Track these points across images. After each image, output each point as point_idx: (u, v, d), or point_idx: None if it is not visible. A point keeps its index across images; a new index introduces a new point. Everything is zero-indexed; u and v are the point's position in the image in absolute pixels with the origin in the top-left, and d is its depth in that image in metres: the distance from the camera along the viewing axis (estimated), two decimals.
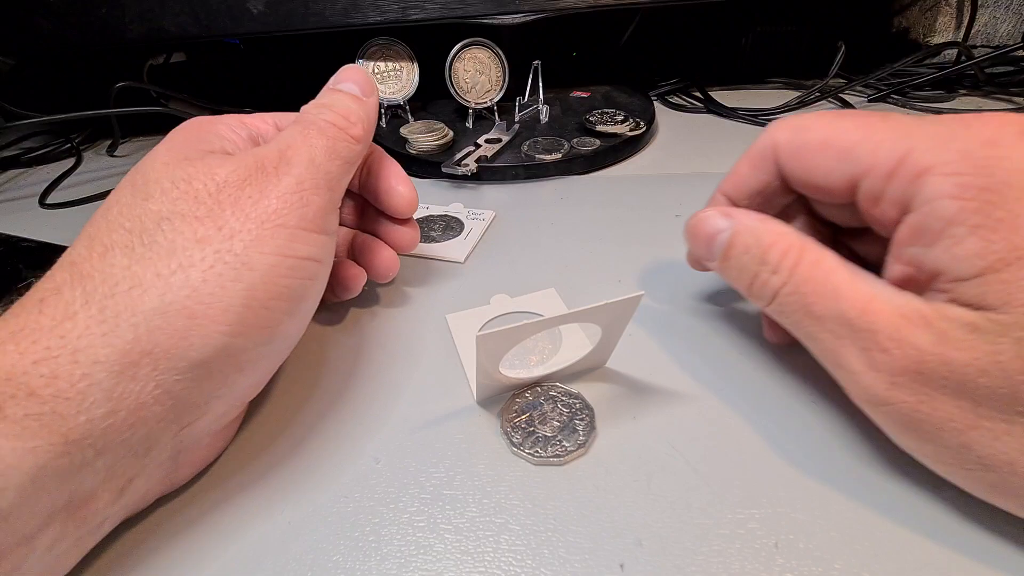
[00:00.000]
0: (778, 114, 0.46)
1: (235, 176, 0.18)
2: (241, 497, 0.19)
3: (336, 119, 0.21)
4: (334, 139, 0.21)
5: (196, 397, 0.17)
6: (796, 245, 0.18)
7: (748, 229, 0.20)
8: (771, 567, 0.16)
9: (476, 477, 0.19)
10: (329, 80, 0.24)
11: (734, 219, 0.20)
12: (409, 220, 0.27)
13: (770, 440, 0.20)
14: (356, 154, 0.22)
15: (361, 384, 0.23)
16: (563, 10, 0.41)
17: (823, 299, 0.17)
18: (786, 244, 0.19)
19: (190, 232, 0.17)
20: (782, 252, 0.18)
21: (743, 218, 0.20)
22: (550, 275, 0.29)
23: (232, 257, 0.17)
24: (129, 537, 0.18)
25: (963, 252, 0.15)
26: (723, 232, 0.21)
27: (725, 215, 0.21)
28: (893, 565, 0.16)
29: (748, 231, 0.20)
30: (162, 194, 0.18)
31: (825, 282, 0.17)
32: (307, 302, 0.20)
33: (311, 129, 0.21)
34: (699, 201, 0.34)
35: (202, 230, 0.17)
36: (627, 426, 0.20)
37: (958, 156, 0.15)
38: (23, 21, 0.40)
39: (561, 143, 0.40)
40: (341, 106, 0.22)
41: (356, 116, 0.22)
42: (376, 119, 0.24)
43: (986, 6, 0.55)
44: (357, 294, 0.26)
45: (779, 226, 0.19)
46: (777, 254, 0.19)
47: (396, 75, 0.43)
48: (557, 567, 0.16)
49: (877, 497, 0.18)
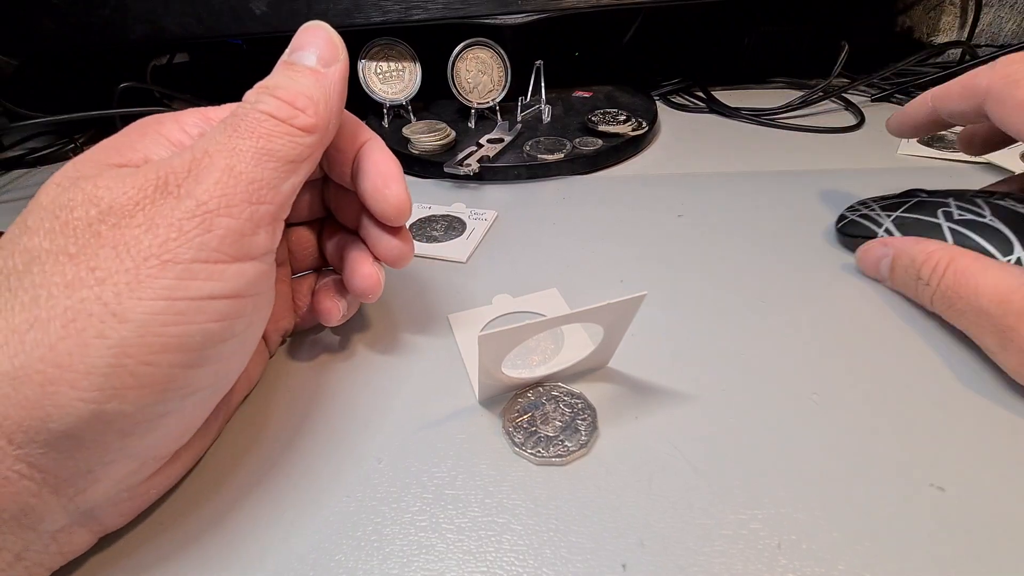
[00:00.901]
0: (781, 114, 0.46)
1: (125, 200, 0.15)
2: (242, 497, 0.19)
3: (276, 108, 0.17)
4: (268, 136, 0.17)
5: (74, 468, 0.14)
6: (944, 259, 0.22)
7: (904, 252, 0.24)
8: (774, 568, 0.16)
9: (478, 477, 0.19)
10: None
11: (891, 246, 0.25)
12: (401, 229, 0.22)
13: (772, 440, 0.20)
14: (304, 150, 0.17)
15: (363, 384, 0.23)
16: (565, 10, 0.41)
17: (964, 298, 0.21)
18: (934, 261, 0.22)
19: (59, 275, 0.14)
20: (931, 268, 0.23)
21: (899, 244, 0.25)
22: (552, 275, 0.29)
23: (99, 307, 0.14)
24: (129, 540, 0.18)
25: None
26: (886, 257, 0.25)
27: (884, 244, 0.26)
28: (895, 566, 0.16)
29: (904, 254, 0.24)
30: (40, 225, 0.15)
31: (966, 284, 0.21)
32: (222, 346, 0.16)
33: (240, 126, 0.17)
34: (701, 201, 0.34)
35: (72, 272, 0.14)
36: (629, 426, 0.20)
37: None
38: (27, 21, 0.40)
39: (563, 143, 0.40)
40: (287, 89, 0.18)
41: (306, 100, 0.18)
42: (344, 92, 0.19)
43: (990, 5, 0.55)
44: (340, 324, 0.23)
45: (930, 245, 0.23)
46: (928, 269, 0.23)
47: (398, 75, 0.43)
48: (559, 567, 0.16)
49: (879, 498, 0.18)
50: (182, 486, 0.19)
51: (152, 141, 0.17)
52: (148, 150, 0.17)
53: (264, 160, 0.16)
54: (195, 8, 0.39)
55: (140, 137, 0.17)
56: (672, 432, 0.20)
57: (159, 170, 0.16)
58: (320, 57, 0.19)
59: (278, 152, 0.17)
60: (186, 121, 0.18)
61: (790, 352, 0.23)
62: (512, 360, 0.23)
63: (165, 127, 0.18)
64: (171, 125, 0.18)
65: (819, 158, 0.39)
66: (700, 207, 0.34)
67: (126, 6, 0.39)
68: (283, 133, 0.17)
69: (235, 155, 0.16)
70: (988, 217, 0.24)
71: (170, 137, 0.18)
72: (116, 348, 0.14)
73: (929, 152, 0.38)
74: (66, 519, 0.15)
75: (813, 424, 0.20)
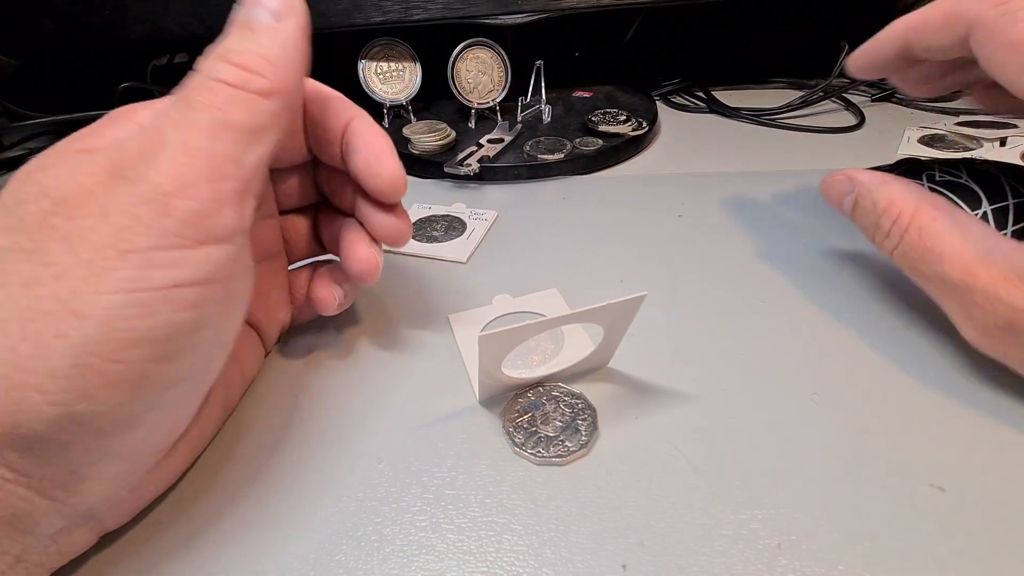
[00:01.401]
0: (781, 114, 0.46)
1: (76, 189, 0.14)
2: (242, 497, 0.19)
3: (229, 74, 0.16)
4: (224, 105, 0.15)
5: (58, 471, 0.14)
6: (908, 211, 0.20)
7: (868, 192, 0.22)
8: (774, 568, 0.16)
9: (478, 477, 0.19)
10: None
11: (856, 182, 0.23)
12: (396, 207, 0.22)
13: (772, 440, 0.20)
14: (265, 117, 0.16)
15: (363, 383, 0.23)
16: (565, 10, 0.41)
17: (927, 263, 0.19)
18: (897, 211, 0.21)
19: (16, 274, 0.13)
20: (893, 218, 0.21)
21: (865, 179, 0.22)
22: (552, 275, 0.29)
23: (57, 305, 0.13)
24: (129, 539, 0.18)
25: None
26: (850, 194, 0.23)
27: (849, 179, 0.23)
28: (896, 566, 0.16)
29: (868, 194, 0.22)
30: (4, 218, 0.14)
31: (931, 247, 0.19)
32: (196, 336, 0.15)
33: (193, 98, 0.15)
34: (702, 201, 0.34)
35: (28, 269, 0.13)
36: (629, 426, 0.20)
37: None
38: (27, 22, 0.40)
39: (563, 143, 0.40)
40: (241, 51, 0.16)
41: (262, 61, 0.16)
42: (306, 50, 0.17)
43: None
44: (335, 313, 0.23)
45: (897, 190, 0.21)
46: (888, 220, 0.21)
47: (399, 75, 0.43)
48: (559, 567, 0.16)
49: (879, 498, 0.18)
50: (181, 485, 0.19)
51: (120, 128, 0.16)
52: (114, 136, 0.16)
53: (222, 132, 0.15)
54: (195, 8, 0.39)
55: (111, 124, 0.16)
56: (672, 432, 0.20)
57: (111, 154, 0.15)
58: (274, 12, 0.17)
59: (236, 122, 0.15)
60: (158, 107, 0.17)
61: (790, 352, 0.23)
62: (512, 360, 0.23)
63: (138, 113, 0.17)
64: (144, 111, 0.17)
65: (819, 158, 0.39)
66: (700, 207, 0.34)
67: (126, 6, 0.39)
68: (240, 100, 0.16)
69: (190, 130, 0.15)
70: (964, 178, 0.24)
71: (140, 122, 0.17)
72: (78, 347, 0.13)
73: (930, 152, 0.38)
74: (63, 521, 0.15)
75: (813, 424, 0.20)
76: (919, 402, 0.20)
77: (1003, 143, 0.38)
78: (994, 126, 0.40)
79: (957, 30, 0.20)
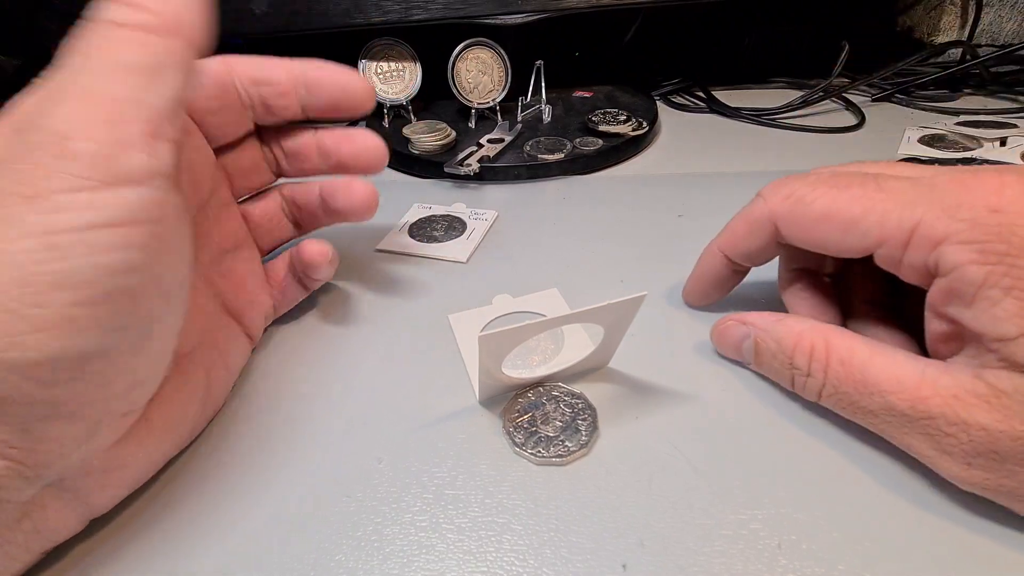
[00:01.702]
0: (782, 114, 0.46)
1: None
2: (242, 497, 0.19)
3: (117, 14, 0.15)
4: (115, 47, 0.15)
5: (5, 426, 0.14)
6: (820, 343, 0.19)
7: (766, 332, 0.20)
8: (774, 568, 0.16)
9: (478, 477, 0.19)
10: None
11: (750, 324, 0.21)
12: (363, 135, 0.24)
13: (772, 440, 0.20)
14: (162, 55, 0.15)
15: (363, 383, 0.23)
16: (565, 10, 0.41)
17: (868, 397, 0.17)
18: (808, 344, 0.19)
19: None
20: (807, 354, 0.19)
21: (758, 321, 0.21)
22: (552, 275, 0.29)
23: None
24: (127, 538, 0.18)
25: (1003, 313, 0.15)
26: (747, 339, 0.21)
27: (741, 322, 0.22)
28: (895, 566, 0.16)
29: (767, 335, 0.20)
30: None
31: (863, 380, 0.17)
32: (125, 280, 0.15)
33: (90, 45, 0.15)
34: (702, 201, 0.34)
35: None
36: (629, 426, 0.20)
37: (968, 225, 0.15)
38: (28, 21, 0.40)
39: (563, 143, 0.40)
40: None
41: None
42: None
43: (991, 5, 0.55)
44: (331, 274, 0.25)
45: (797, 324, 0.20)
46: (803, 357, 0.19)
47: (399, 75, 0.43)
48: (559, 567, 0.16)
49: (880, 498, 0.18)
50: (180, 484, 0.19)
51: None
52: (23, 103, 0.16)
53: (117, 74, 0.15)
54: None
55: None
56: (672, 432, 0.20)
57: (14, 113, 0.15)
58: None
59: (132, 62, 0.15)
60: None
61: None
62: (512, 360, 0.23)
63: None
64: None
65: (819, 158, 0.39)
66: (700, 207, 0.34)
67: None
68: (130, 39, 0.15)
69: (86, 75, 0.15)
70: None
71: None
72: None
73: (930, 152, 0.38)
74: (30, 487, 0.15)
75: (813, 424, 0.20)
76: None
77: (1003, 143, 0.38)
78: (994, 126, 0.40)
79: (764, 231, 0.21)
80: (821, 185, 0.19)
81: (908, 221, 0.16)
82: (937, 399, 0.16)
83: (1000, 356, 0.15)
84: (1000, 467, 0.15)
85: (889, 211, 0.17)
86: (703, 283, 0.24)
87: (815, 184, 0.19)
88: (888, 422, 0.17)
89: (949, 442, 0.16)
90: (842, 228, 0.18)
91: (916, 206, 0.16)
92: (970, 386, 0.15)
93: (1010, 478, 0.15)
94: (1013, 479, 0.15)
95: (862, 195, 0.18)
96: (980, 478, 0.16)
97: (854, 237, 0.18)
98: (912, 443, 0.17)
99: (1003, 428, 0.15)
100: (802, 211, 0.19)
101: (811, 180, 0.19)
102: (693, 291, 0.25)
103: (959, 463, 0.16)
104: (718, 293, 0.25)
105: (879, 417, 0.17)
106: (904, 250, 0.17)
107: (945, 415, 0.15)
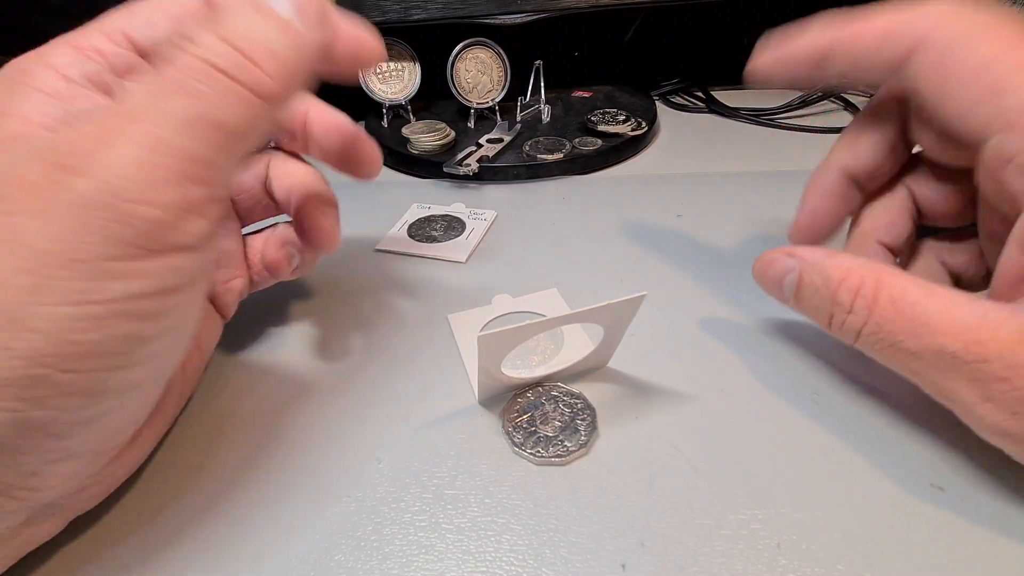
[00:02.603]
0: (780, 114, 0.46)
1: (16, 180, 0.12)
2: (241, 497, 0.19)
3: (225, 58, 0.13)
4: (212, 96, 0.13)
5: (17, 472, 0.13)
6: (869, 280, 0.17)
7: (814, 267, 0.18)
8: (774, 568, 0.16)
9: (478, 477, 0.19)
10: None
11: (798, 258, 0.19)
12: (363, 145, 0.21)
13: (772, 440, 0.20)
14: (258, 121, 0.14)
15: (362, 384, 0.23)
16: (565, 10, 0.41)
17: (915, 336, 0.16)
18: (856, 280, 0.17)
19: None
20: (853, 290, 0.17)
21: (808, 255, 0.19)
22: (552, 275, 0.29)
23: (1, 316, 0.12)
24: (125, 539, 0.18)
25: None
26: (791, 272, 0.19)
27: (789, 255, 0.20)
28: (896, 566, 0.16)
29: (814, 269, 0.18)
30: None
31: (913, 317, 0.16)
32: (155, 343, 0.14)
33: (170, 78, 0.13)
34: (701, 201, 0.34)
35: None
36: (629, 426, 0.20)
37: None
38: (24, 20, 0.40)
39: (563, 143, 0.40)
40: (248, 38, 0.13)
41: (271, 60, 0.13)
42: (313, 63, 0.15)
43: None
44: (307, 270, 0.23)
45: (847, 260, 0.18)
46: (847, 293, 0.17)
47: (398, 75, 0.43)
48: (559, 567, 0.16)
49: (879, 498, 0.18)
50: (178, 484, 0.19)
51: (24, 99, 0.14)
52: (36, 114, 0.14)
53: (203, 129, 0.13)
54: None
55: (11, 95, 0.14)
56: (672, 432, 0.20)
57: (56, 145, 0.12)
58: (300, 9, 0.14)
59: (224, 121, 0.13)
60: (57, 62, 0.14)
61: (790, 352, 0.23)
62: (512, 360, 0.23)
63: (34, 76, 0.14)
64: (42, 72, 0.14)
65: (818, 158, 0.39)
66: (700, 207, 0.34)
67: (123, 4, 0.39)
68: (232, 95, 0.13)
69: (162, 118, 0.12)
70: None
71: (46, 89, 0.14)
72: (27, 359, 0.12)
73: None
74: (25, 515, 0.15)
75: (813, 424, 0.20)
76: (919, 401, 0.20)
77: None
78: None
79: (897, 49, 0.17)
80: (995, 23, 0.15)
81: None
82: (995, 343, 0.14)
83: None
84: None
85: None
86: (783, 61, 0.20)
87: (986, 17, 0.15)
88: (933, 364, 0.16)
89: (1000, 387, 0.14)
90: (991, 89, 0.15)
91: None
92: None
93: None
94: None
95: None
96: (1020, 428, 0.15)
97: (993, 106, 0.15)
98: (955, 388, 0.15)
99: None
100: (966, 49, 0.15)
101: (981, 9, 0.16)
102: (765, 62, 0.21)
103: (1003, 411, 0.15)
104: (784, 82, 0.21)
105: (922, 360, 0.16)
106: None
107: (1004, 358, 0.14)
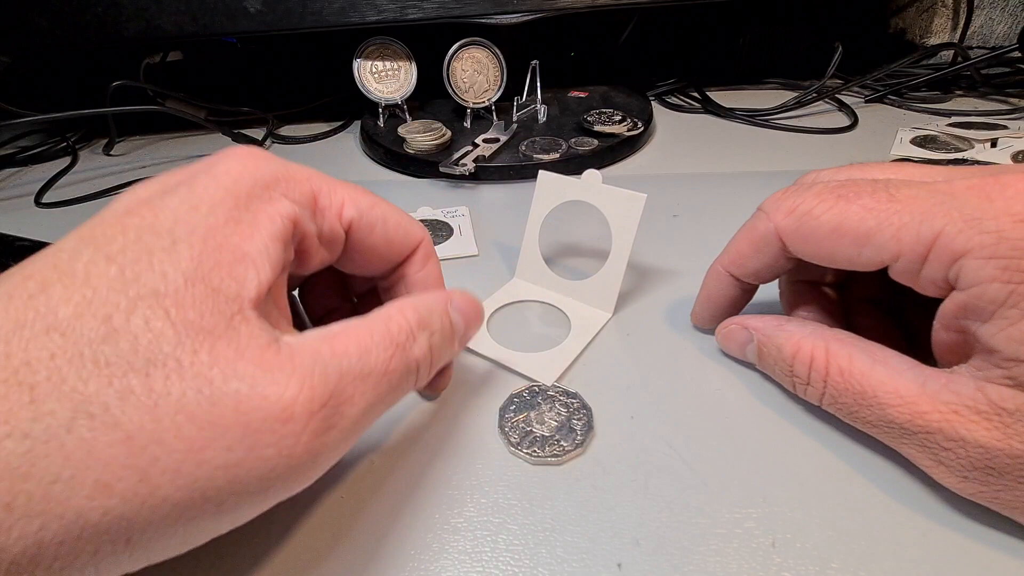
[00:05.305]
0: (775, 115, 0.46)
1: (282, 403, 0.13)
2: None
3: (423, 349, 0.16)
4: (397, 372, 0.16)
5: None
6: (820, 352, 0.18)
7: (769, 340, 0.20)
8: (768, 566, 0.16)
9: (474, 476, 0.19)
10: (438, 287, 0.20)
11: (752, 329, 0.21)
12: None
13: (767, 440, 0.20)
14: (399, 394, 0.16)
15: None
16: (561, 10, 0.41)
17: (866, 408, 0.17)
18: (807, 354, 0.19)
19: None
20: (806, 363, 0.19)
21: (759, 326, 0.21)
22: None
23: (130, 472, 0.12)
24: None
25: (1020, 335, 0.14)
26: (750, 343, 0.21)
27: (743, 327, 0.21)
28: (889, 564, 0.16)
29: (769, 342, 0.20)
30: None
31: (862, 391, 0.17)
32: None
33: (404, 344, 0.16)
34: (696, 201, 0.34)
35: None
36: (625, 426, 0.20)
37: (994, 239, 0.14)
38: (19, 19, 0.40)
39: (559, 143, 0.40)
40: (442, 354, 0.17)
41: (441, 362, 0.18)
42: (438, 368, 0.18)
43: (982, 8, 0.55)
44: None
45: (797, 330, 0.19)
46: (802, 366, 0.19)
47: (394, 74, 0.43)
48: (555, 566, 0.16)
49: (873, 496, 0.18)
50: None
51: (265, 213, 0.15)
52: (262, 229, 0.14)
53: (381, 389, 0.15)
54: (189, 6, 0.39)
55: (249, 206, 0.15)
56: (668, 432, 0.20)
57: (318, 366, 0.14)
58: (461, 332, 0.19)
59: (390, 403, 0.16)
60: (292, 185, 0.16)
61: None
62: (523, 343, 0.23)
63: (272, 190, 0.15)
64: (282, 187, 0.15)
65: (813, 158, 0.39)
66: (695, 207, 0.34)
67: (119, 4, 0.39)
68: (410, 375, 0.16)
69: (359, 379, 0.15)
70: None
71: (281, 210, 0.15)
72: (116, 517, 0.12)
73: (922, 153, 0.38)
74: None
75: (808, 424, 0.20)
76: None
77: (994, 144, 0.38)
78: (985, 127, 0.40)
79: (771, 247, 0.20)
80: (828, 196, 0.18)
81: (927, 234, 0.15)
82: (936, 414, 0.15)
83: (1009, 375, 0.15)
84: (997, 481, 0.15)
85: (906, 223, 0.16)
86: (712, 305, 0.23)
87: (821, 196, 0.18)
88: (887, 432, 0.17)
89: (946, 455, 0.16)
90: (855, 242, 0.17)
91: (935, 217, 0.15)
92: (971, 401, 0.15)
93: (1006, 492, 0.15)
94: (1009, 493, 0.15)
95: (874, 205, 0.17)
96: (976, 490, 0.16)
97: (869, 251, 0.17)
98: (910, 452, 0.17)
99: (1001, 447, 0.15)
100: (810, 226, 0.18)
101: (817, 191, 0.18)
102: (702, 314, 0.24)
103: (955, 475, 0.16)
104: (728, 313, 0.23)
105: (877, 427, 0.17)
106: (922, 264, 0.16)
107: (943, 431, 0.15)
